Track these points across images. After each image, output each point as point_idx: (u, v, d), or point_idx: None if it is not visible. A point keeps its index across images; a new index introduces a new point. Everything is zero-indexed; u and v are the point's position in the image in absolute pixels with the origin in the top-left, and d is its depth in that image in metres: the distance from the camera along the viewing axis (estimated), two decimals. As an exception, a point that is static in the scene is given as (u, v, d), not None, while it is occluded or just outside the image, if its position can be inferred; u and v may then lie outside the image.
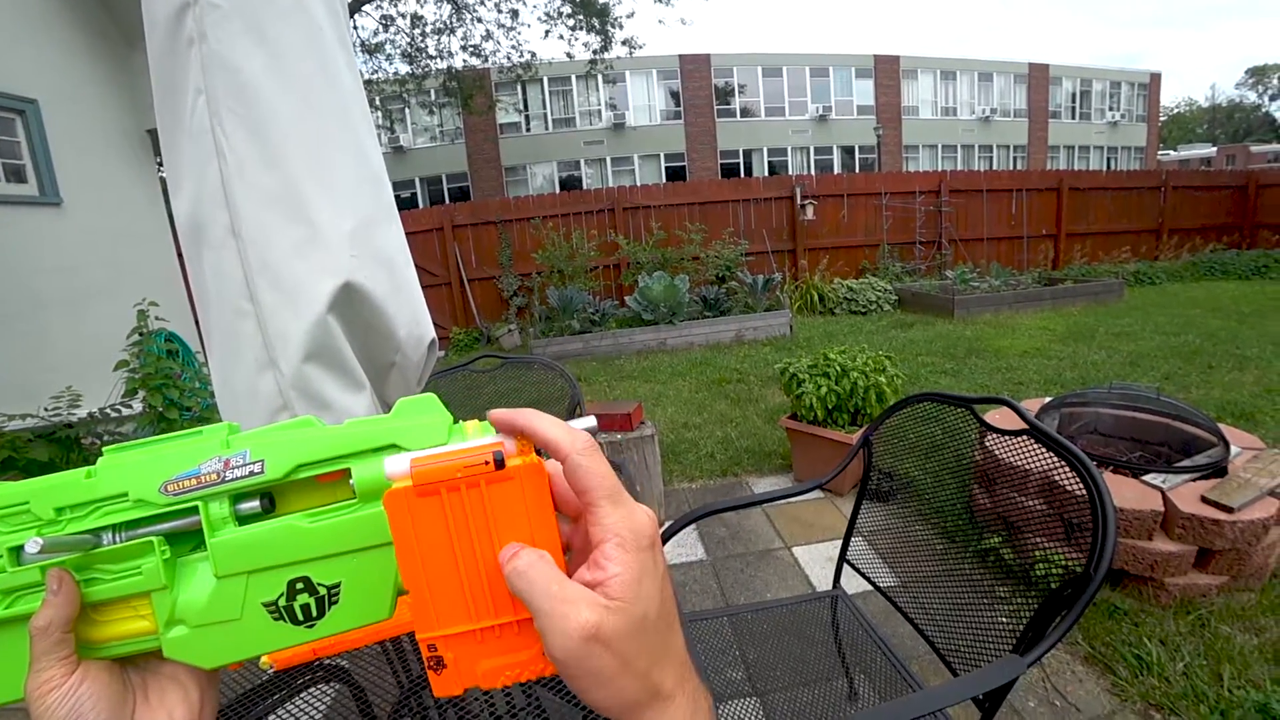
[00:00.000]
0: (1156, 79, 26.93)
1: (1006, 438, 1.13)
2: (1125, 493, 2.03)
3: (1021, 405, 1.09)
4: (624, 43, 12.08)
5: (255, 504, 0.32)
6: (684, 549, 2.65)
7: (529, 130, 20.88)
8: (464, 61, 12.15)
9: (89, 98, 4.42)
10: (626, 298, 7.70)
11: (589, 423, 0.32)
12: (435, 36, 11.68)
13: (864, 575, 1.42)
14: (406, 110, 18.15)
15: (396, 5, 11.35)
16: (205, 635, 0.31)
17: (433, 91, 13.77)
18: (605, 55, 11.99)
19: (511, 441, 0.30)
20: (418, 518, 0.28)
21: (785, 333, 7.11)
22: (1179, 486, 2.04)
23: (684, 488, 3.31)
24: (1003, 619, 1.04)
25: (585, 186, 20.00)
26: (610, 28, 11.75)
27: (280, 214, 0.75)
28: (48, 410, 3.40)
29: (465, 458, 0.28)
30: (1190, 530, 1.93)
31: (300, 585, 0.31)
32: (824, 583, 2.32)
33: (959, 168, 19.63)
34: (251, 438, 0.32)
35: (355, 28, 11.06)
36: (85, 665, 0.31)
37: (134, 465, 0.32)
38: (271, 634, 0.31)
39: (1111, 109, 26.23)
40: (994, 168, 21.86)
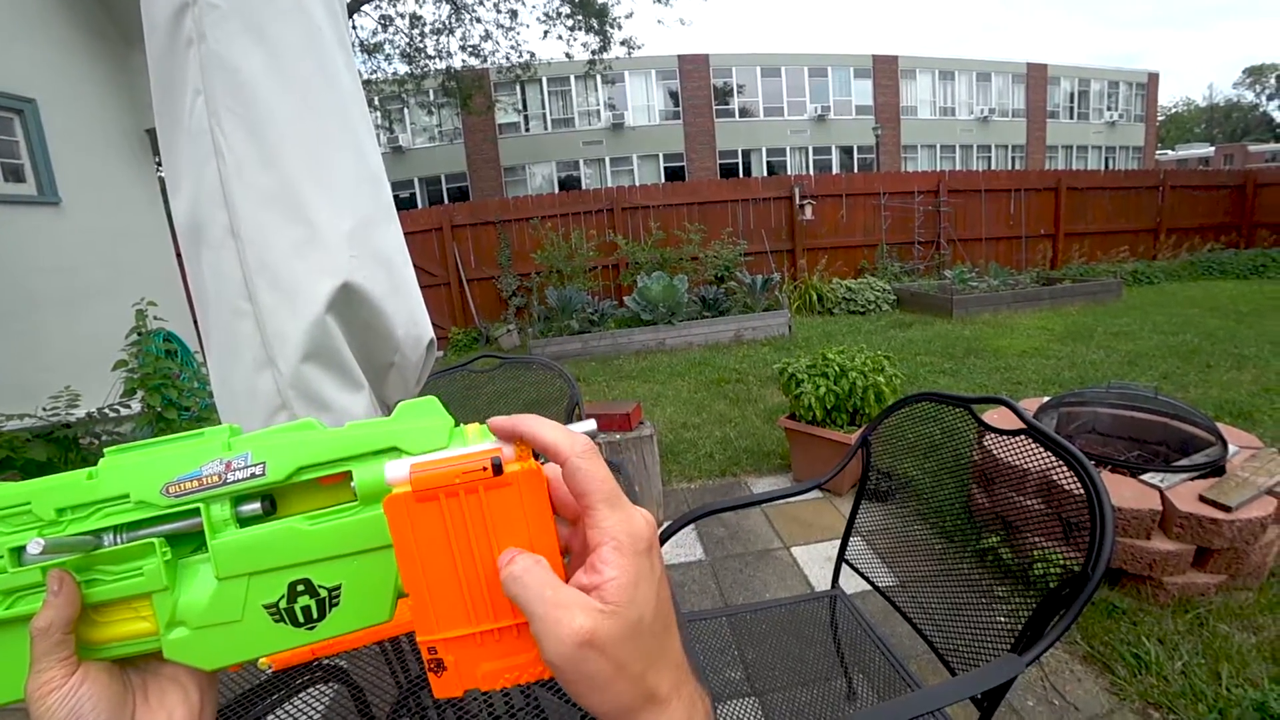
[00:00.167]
0: (1154, 79, 26.98)
1: (1005, 437, 1.13)
2: (1123, 492, 2.04)
3: (1020, 405, 1.09)
4: (623, 43, 12.09)
5: (256, 506, 0.32)
6: (683, 549, 2.65)
7: (528, 130, 20.86)
8: (463, 62, 12.15)
9: (88, 97, 4.42)
10: (625, 298, 7.70)
11: (588, 426, 0.32)
12: (434, 36, 11.69)
13: (863, 575, 1.42)
14: (405, 110, 18.15)
15: (395, 5, 11.37)
16: (206, 637, 0.31)
17: (431, 92, 13.77)
18: (604, 55, 12.00)
19: (510, 448, 0.30)
20: (417, 523, 0.28)
21: (784, 333, 7.12)
22: (1177, 485, 2.05)
23: (683, 488, 3.31)
24: (1001, 618, 1.05)
25: (584, 186, 19.99)
26: (609, 28, 11.76)
27: (279, 214, 0.75)
28: (46, 410, 3.40)
29: (464, 464, 0.28)
30: (1188, 529, 1.94)
31: (301, 587, 0.31)
32: (823, 583, 2.32)
33: (957, 168, 19.71)
34: (253, 440, 0.32)
35: (354, 28, 11.05)
36: (86, 666, 0.31)
37: (135, 467, 0.32)
38: (272, 636, 0.31)
39: (1110, 109, 26.26)
40: (992, 168, 21.90)
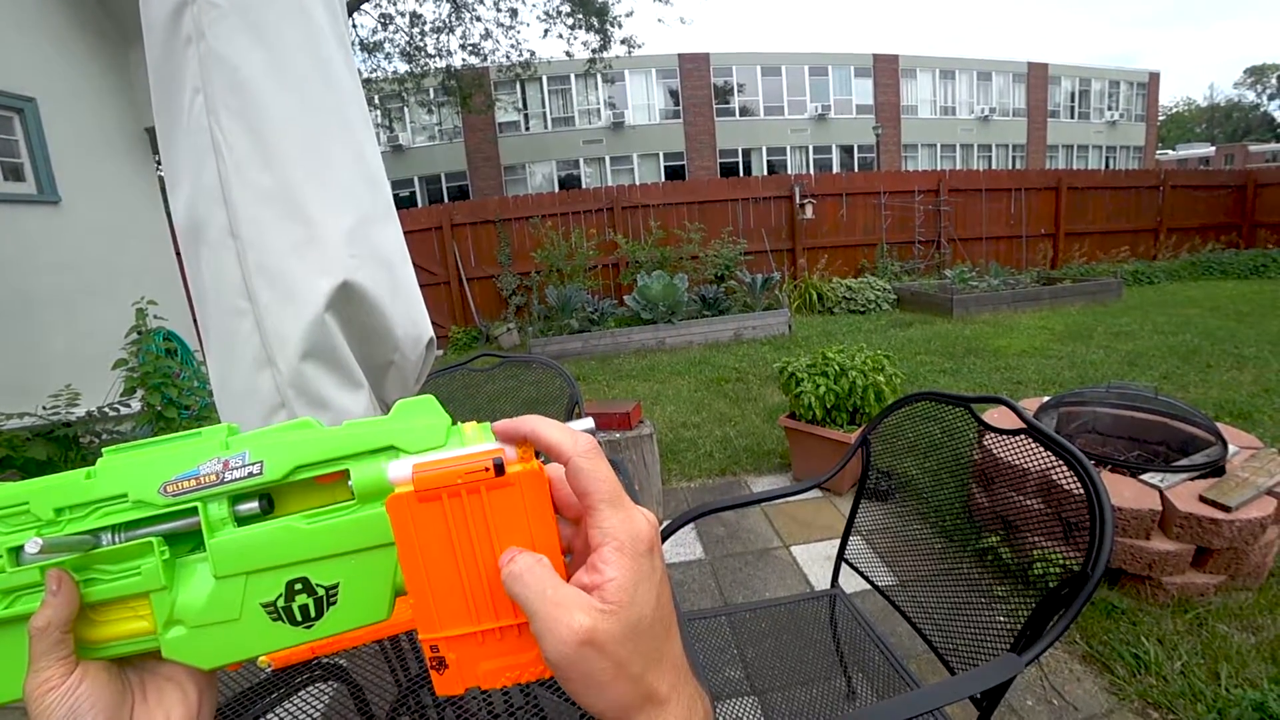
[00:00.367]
0: (1155, 78, 26.96)
1: (1005, 437, 1.13)
2: (1123, 492, 2.04)
3: (1019, 404, 1.09)
4: (623, 42, 12.06)
5: (254, 505, 0.32)
6: (682, 548, 2.65)
7: (528, 129, 20.86)
8: (463, 60, 12.12)
9: (87, 96, 4.42)
10: (625, 297, 7.70)
11: (586, 424, 0.32)
12: (434, 35, 11.66)
13: (862, 574, 1.42)
14: (405, 109, 18.11)
15: (395, 4, 11.36)
16: (204, 636, 0.31)
17: (431, 90, 13.75)
18: (604, 54, 11.97)
19: (513, 449, 0.30)
20: (419, 522, 0.28)
21: (784, 332, 7.12)
22: (1177, 486, 2.05)
23: (682, 487, 3.31)
24: (1000, 618, 1.05)
25: (584, 185, 19.97)
26: (609, 27, 11.72)
27: (278, 213, 0.75)
28: (46, 409, 3.40)
29: (466, 464, 0.28)
30: (1188, 529, 1.94)
31: (299, 586, 0.31)
32: (822, 582, 2.32)
33: (958, 167, 19.62)
34: (251, 439, 0.32)
35: (354, 26, 11.04)
36: (84, 665, 0.31)
37: (133, 466, 0.32)
38: (270, 635, 0.31)
39: (1110, 108, 26.24)
40: (993, 167, 21.85)
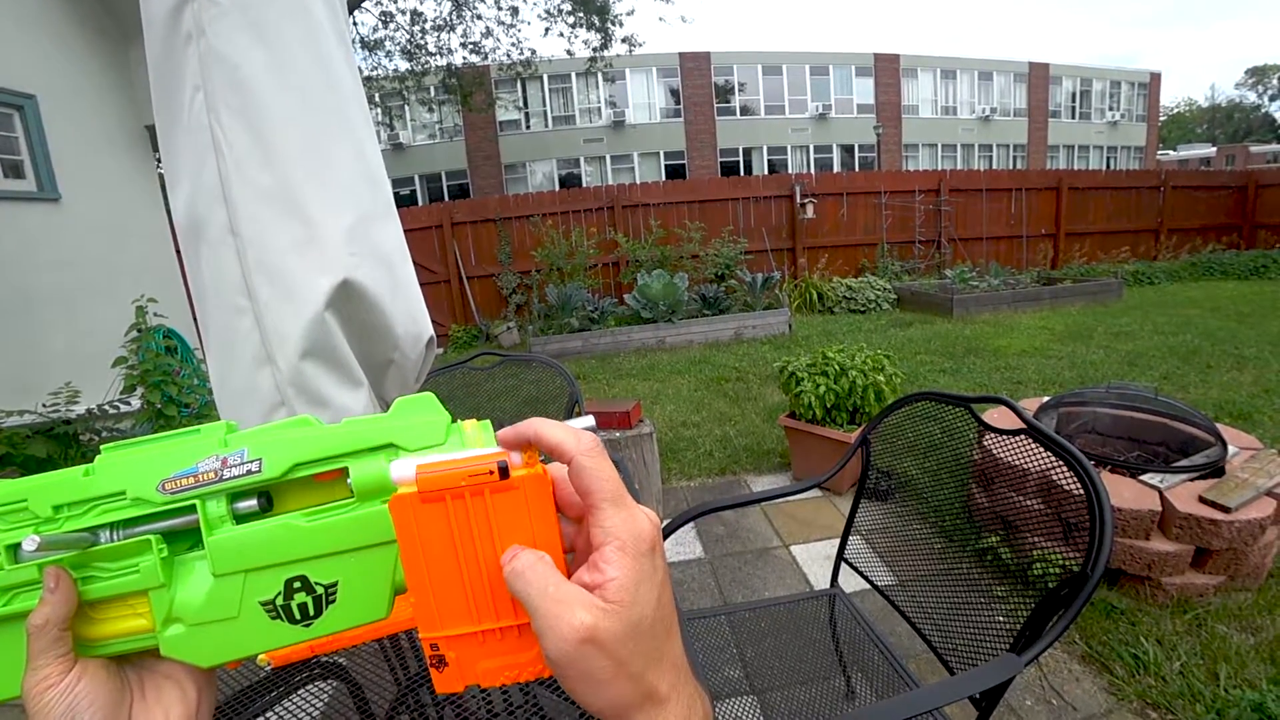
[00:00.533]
0: (1156, 79, 26.93)
1: (1004, 437, 1.13)
2: (1123, 492, 2.04)
3: (1019, 405, 1.09)
4: (624, 40, 12.04)
5: (253, 503, 0.32)
6: (682, 547, 2.65)
7: (529, 128, 20.84)
8: (464, 59, 12.11)
9: (87, 93, 4.41)
10: (625, 296, 7.70)
11: (586, 422, 0.32)
12: (435, 33, 11.65)
13: (862, 574, 1.42)
14: (406, 107, 18.08)
15: (396, 1, 11.31)
16: (202, 634, 0.31)
17: (432, 88, 13.73)
18: (605, 53, 11.95)
19: (519, 455, 0.30)
20: (422, 522, 0.28)
21: (784, 331, 7.12)
22: (1176, 486, 2.05)
23: (682, 486, 3.31)
24: (1000, 618, 1.05)
25: (585, 184, 19.97)
26: (610, 25, 11.70)
27: (278, 211, 0.75)
28: (46, 406, 3.40)
29: (470, 466, 0.28)
30: (1187, 530, 1.94)
31: (298, 584, 0.31)
32: (822, 581, 2.32)
33: (959, 167, 19.64)
34: (249, 436, 0.32)
35: (354, 24, 11.03)
36: (82, 663, 0.31)
37: (132, 463, 0.32)
38: (269, 633, 0.31)
39: (1111, 109, 26.22)
40: (993, 167, 21.82)
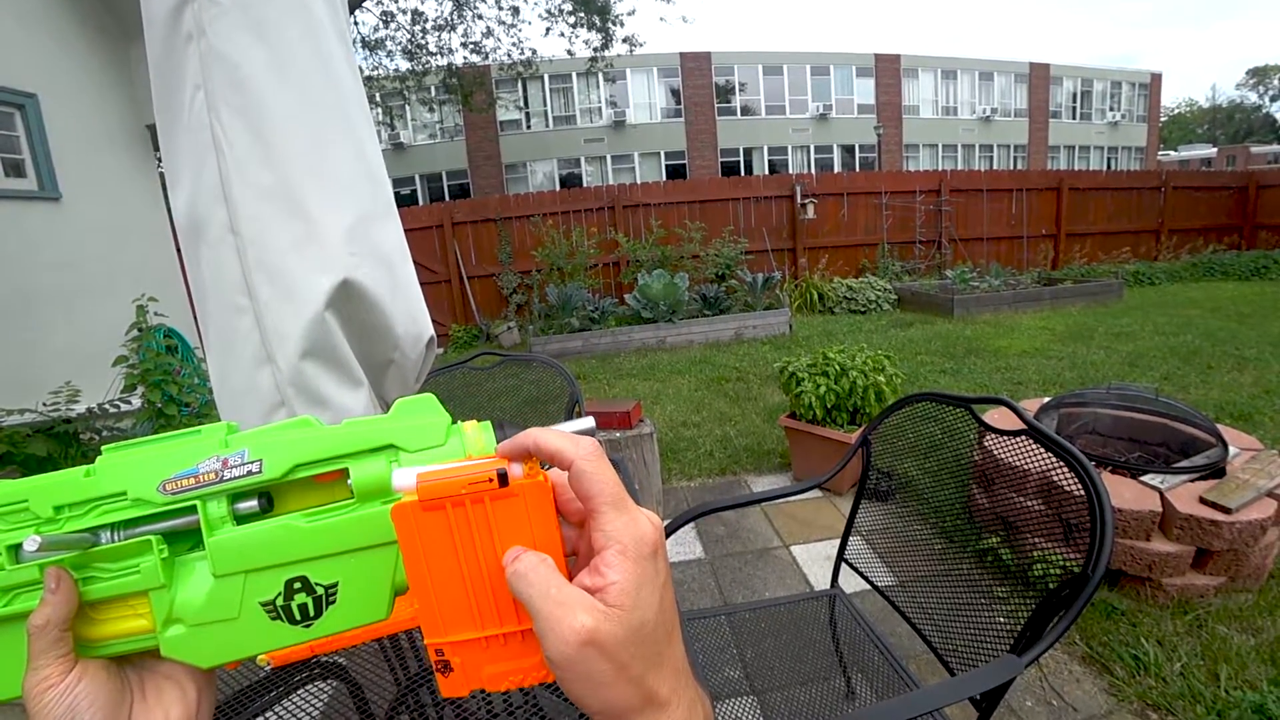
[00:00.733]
0: (1157, 79, 26.92)
1: (1005, 438, 1.13)
2: (1123, 493, 2.03)
3: (1020, 405, 1.09)
4: (625, 40, 12.04)
5: (253, 503, 0.32)
6: (682, 547, 2.65)
7: (529, 127, 20.84)
8: (464, 58, 12.11)
9: (88, 92, 4.42)
10: (626, 295, 7.70)
11: (586, 423, 0.32)
12: (436, 33, 11.65)
13: (862, 574, 1.42)
14: (406, 107, 18.09)
15: (397, 1, 11.32)
16: (203, 634, 0.31)
17: (433, 88, 13.73)
18: (606, 53, 11.95)
19: (520, 466, 0.30)
20: (424, 530, 0.28)
21: (784, 331, 7.11)
22: (1177, 487, 2.05)
23: (682, 486, 3.31)
24: (1000, 619, 1.05)
25: (585, 184, 19.96)
26: (611, 25, 11.70)
27: (278, 210, 0.75)
28: (46, 405, 3.40)
29: (470, 474, 0.28)
30: (1188, 531, 1.93)
31: (298, 585, 0.31)
32: (822, 582, 2.32)
33: (959, 167, 19.60)
34: (250, 437, 0.32)
35: (355, 23, 11.03)
36: (83, 663, 0.31)
37: (132, 464, 0.32)
38: (269, 633, 0.31)
39: (1112, 109, 26.21)
40: (994, 167, 21.84)
